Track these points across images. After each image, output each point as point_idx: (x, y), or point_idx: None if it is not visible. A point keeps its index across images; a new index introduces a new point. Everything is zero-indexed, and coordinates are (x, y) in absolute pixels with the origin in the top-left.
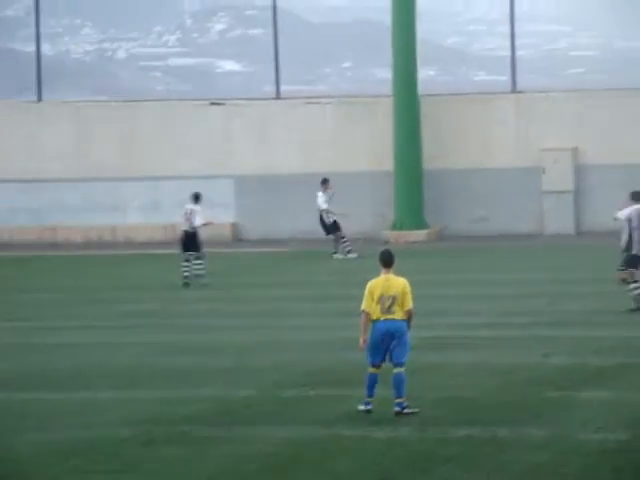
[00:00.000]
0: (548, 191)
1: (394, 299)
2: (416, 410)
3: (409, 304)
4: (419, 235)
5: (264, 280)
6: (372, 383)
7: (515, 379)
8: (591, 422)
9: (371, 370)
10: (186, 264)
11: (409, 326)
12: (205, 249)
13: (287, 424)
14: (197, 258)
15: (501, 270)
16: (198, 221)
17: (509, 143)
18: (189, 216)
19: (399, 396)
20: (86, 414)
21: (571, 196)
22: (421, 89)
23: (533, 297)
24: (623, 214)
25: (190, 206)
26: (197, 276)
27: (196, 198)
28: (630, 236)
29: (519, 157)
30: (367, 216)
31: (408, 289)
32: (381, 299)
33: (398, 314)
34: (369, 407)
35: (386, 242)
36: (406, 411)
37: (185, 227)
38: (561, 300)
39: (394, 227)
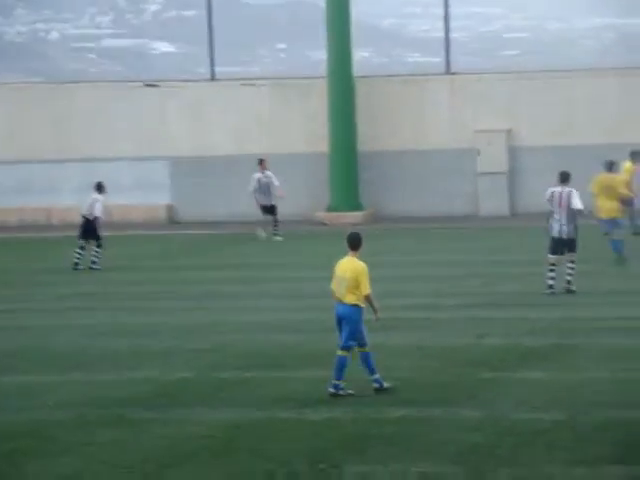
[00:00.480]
0: (483, 172)
1: (345, 283)
2: (351, 392)
3: (364, 290)
4: (355, 217)
5: (200, 262)
6: (337, 365)
7: (450, 360)
8: (525, 402)
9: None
10: (80, 251)
11: (374, 310)
12: (102, 240)
13: (223, 406)
14: (97, 246)
15: (436, 251)
16: (97, 211)
17: (443, 124)
18: (90, 205)
19: (337, 378)
20: (21, 397)
21: (505, 178)
22: (356, 70)
23: (468, 278)
24: (545, 195)
25: (94, 195)
26: (92, 262)
27: (99, 188)
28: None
29: (453, 138)
30: (303, 198)
31: (363, 274)
32: (336, 280)
33: (347, 298)
34: (331, 390)
35: (323, 224)
36: (341, 393)
37: (84, 213)
38: (496, 281)
39: (329, 209)
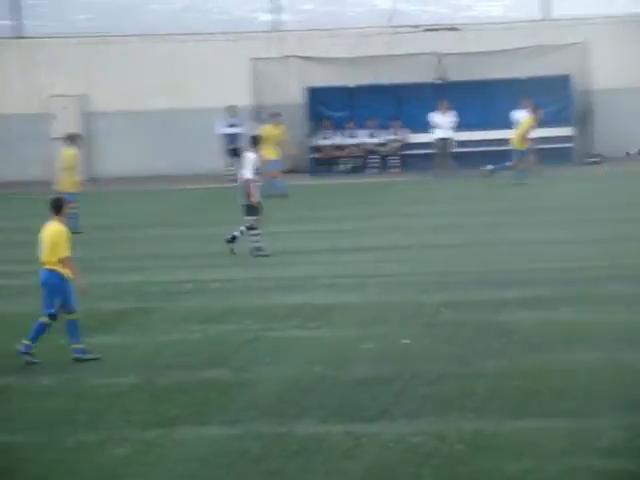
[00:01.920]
0: (58, 137)
1: (44, 247)
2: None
3: (61, 252)
4: None
5: None
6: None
7: (12, 328)
8: (102, 367)
9: None
10: None
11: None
12: None
13: None
14: None
15: (16, 218)
16: None
17: (16, 89)
18: None
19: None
20: None
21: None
22: None
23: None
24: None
25: None
26: None
27: None
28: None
29: (27, 104)
30: None
31: (58, 237)
32: (40, 246)
33: (47, 263)
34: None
35: None
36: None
37: None
38: (75, 246)
39: None
